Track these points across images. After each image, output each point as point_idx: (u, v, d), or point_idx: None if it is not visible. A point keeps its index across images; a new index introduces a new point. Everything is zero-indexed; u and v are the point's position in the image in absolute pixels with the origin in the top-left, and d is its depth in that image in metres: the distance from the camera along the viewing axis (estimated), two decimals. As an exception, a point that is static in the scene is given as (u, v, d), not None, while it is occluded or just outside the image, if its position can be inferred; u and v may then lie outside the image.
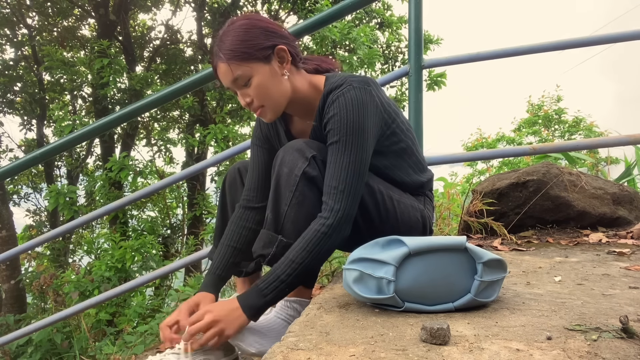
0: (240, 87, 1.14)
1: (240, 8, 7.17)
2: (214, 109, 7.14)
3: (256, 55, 1.11)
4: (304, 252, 1.04)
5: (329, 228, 1.04)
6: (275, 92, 1.15)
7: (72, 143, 2.20)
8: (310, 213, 1.08)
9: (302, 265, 1.03)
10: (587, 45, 1.93)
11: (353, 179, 1.07)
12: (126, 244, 4.66)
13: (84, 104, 8.58)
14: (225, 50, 1.11)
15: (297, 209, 1.09)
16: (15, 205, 8.69)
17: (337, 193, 1.06)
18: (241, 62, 1.11)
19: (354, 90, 1.10)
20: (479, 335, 0.77)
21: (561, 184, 1.95)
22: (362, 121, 1.09)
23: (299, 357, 0.71)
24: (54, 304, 4.67)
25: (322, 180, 1.10)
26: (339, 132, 1.08)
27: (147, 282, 2.42)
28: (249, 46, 1.11)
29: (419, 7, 1.93)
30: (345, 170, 1.07)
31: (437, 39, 7.22)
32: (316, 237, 1.04)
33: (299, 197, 1.09)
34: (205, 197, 6.73)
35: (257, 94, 1.14)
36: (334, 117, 1.10)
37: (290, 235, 1.09)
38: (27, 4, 7.56)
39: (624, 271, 1.26)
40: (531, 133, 10.77)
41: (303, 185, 1.09)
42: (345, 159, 1.07)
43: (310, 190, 1.09)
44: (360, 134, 1.08)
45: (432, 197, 1.38)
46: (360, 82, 1.13)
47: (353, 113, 1.08)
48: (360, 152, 1.08)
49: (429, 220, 1.28)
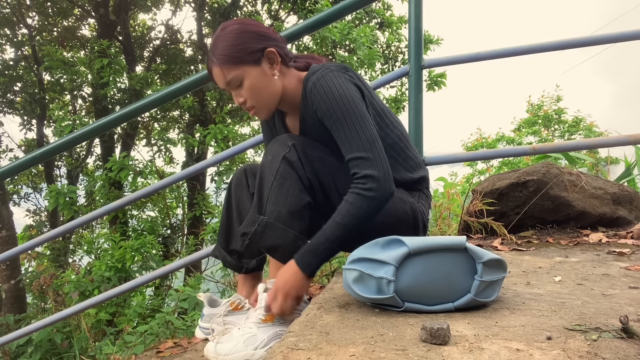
0: (234, 88, 1.22)
1: (240, 8, 7.17)
2: (214, 109, 7.14)
3: (247, 59, 1.19)
4: (353, 217, 1.11)
5: (372, 191, 1.11)
6: (265, 93, 1.23)
7: (72, 143, 2.20)
8: (289, 194, 1.16)
9: (351, 228, 1.11)
10: (587, 45, 1.92)
11: (370, 144, 1.13)
12: (126, 244, 4.66)
13: (84, 104, 8.58)
14: (218, 55, 1.19)
15: (277, 191, 1.16)
16: (15, 205, 8.69)
17: (365, 161, 1.12)
18: (233, 65, 1.19)
19: (331, 72, 1.17)
20: (479, 335, 0.77)
21: (561, 184, 1.95)
22: (346, 94, 1.15)
23: (299, 357, 0.71)
24: (54, 304, 4.67)
25: (301, 166, 1.17)
26: (331, 113, 1.15)
27: (147, 282, 2.41)
28: (239, 50, 1.18)
29: (419, 7, 1.93)
30: (357, 139, 1.13)
31: (437, 39, 7.21)
32: (362, 200, 1.11)
33: (280, 179, 1.16)
34: (205, 197, 6.72)
35: (249, 95, 1.21)
36: (320, 104, 1.16)
37: (271, 214, 1.16)
38: (27, 4, 7.56)
39: (624, 271, 1.26)
40: (531, 133, 10.77)
41: (283, 169, 1.16)
42: (352, 131, 1.14)
43: (289, 174, 1.16)
44: (351, 105, 1.15)
45: (429, 195, 1.39)
46: (338, 67, 1.20)
47: (335, 90, 1.15)
48: (360, 119, 1.14)
49: (421, 214, 1.30)
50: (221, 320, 1.36)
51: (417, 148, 1.90)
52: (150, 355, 1.59)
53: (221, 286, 4.12)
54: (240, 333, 1.14)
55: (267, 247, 1.19)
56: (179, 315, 2.77)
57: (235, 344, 1.11)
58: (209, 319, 1.41)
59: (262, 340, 1.12)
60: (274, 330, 1.14)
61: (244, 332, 1.14)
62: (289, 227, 1.16)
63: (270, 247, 1.18)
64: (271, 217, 1.16)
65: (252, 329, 1.13)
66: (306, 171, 1.19)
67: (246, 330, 1.14)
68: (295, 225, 1.17)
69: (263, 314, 1.14)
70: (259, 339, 1.12)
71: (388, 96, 7.55)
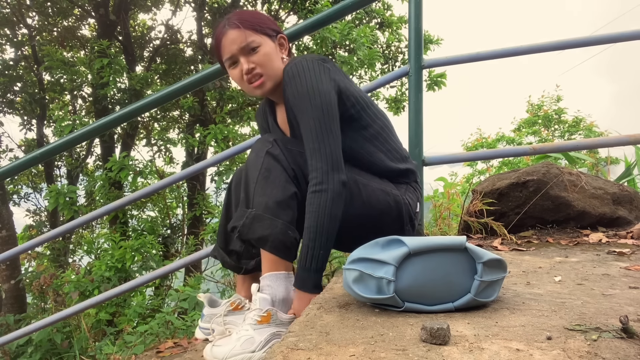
0: (247, 53, 1.26)
1: (240, 8, 7.17)
2: (214, 109, 7.14)
3: (267, 31, 1.29)
4: (313, 215, 1.14)
5: (320, 185, 1.15)
6: (275, 65, 1.29)
7: (72, 143, 2.20)
8: (275, 185, 1.18)
9: (318, 226, 1.14)
10: (587, 46, 1.92)
11: (322, 135, 1.17)
12: (126, 244, 4.66)
13: (84, 104, 8.57)
14: (241, 20, 1.26)
15: (263, 183, 1.19)
16: (15, 205, 8.69)
17: (313, 152, 1.17)
18: (254, 31, 1.26)
19: (306, 61, 1.22)
20: (479, 335, 0.77)
21: (561, 184, 1.95)
22: (312, 83, 1.19)
23: (299, 357, 0.71)
24: (54, 304, 4.67)
25: (285, 158, 1.21)
26: (295, 103, 1.20)
27: (147, 282, 2.41)
28: (262, 22, 1.29)
29: (419, 7, 1.93)
30: (312, 131, 1.18)
31: (437, 39, 7.21)
32: (314, 197, 1.15)
33: (264, 172, 1.20)
34: (205, 197, 6.72)
35: (261, 62, 1.26)
36: (288, 94, 1.21)
37: (259, 206, 1.18)
38: (27, 4, 7.55)
39: (624, 271, 1.26)
40: (531, 133, 10.78)
41: (267, 162, 1.20)
42: (310, 122, 1.18)
43: (273, 167, 1.20)
44: (314, 95, 1.18)
45: (418, 189, 1.40)
46: (314, 57, 1.25)
47: (302, 79, 1.19)
48: (318, 110, 1.18)
49: (406, 207, 1.31)
50: (221, 321, 1.36)
51: (417, 148, 1.90)
52: (150, 355, 1.59)
53: (221, 286, 4.12)
54: (237, 336, 1.13)
55: (256, 238, 1.19)
56: (179, 315, 2.77)
57: (233, 347, 1.11)
58: (209, 319, 1.41)
59: (260, 342, 1.12)
60: (271, 331, 1.14)
61: (241, 334, 1.13)
62: (276, 217, 1.17)
63: (259, 238, 1.18)
64: (259, 209, 1.18)
65: (248, 331, 1.13)
66: (289, 162, 1.21)
67: (243, 332, 1.13)
68: (282, 215, 1.18)
69: (259, 315, 1.14)
70: (256, 341, 1.12)
71: (388, 96, 7.55)
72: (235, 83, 1.35)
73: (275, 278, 1.19)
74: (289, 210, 1.19)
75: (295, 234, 1.20)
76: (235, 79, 1.32)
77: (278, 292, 1.18)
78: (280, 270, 1.20)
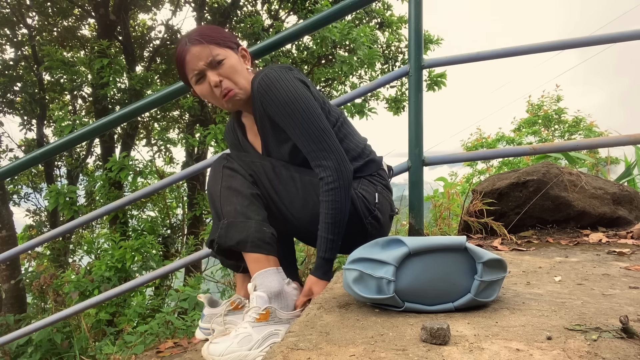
0: (214, 67, 1.27)
1: (240, 8, 7.17)
2: (214, 109, 7.13)
3: (229, 44, 1.31)
4: (333, 212, 1.21)
5: (335, 182, 1.21)
6: (242, 76, 1.31)
7: (72, 143, 2.20)
8: (238, 192, 1.23)
9: (337, 222, 1.22)
10: (586, 45, 1.92)
11: (318, 135, 1.22)
12: (126, 244, 4.65)
13: (84, 104, 8.58)
14: (203, 35, 1.28)
15: (227, 194, 1.24)
16: (15, 205, 8.70)
17: (317, 153, 1.23)
18: (217, 45, 1.28)
19: (274, 71, 1.25)
20: (479, 335, 0.77)
21: (561, 184, 1.95)
22: (289, 90, 1.22)
23: (299, 357, 0.71)
24: (54, 304, 4.66)
25: (241, 167, 1.26)
26: (278, 111, 1.23)
27: (147, 282, 2.41)
28: (222, 36, 1.31)
29: (419, 7, 1.93)
30: (307, 134, 1.22)
31: (437, 39, 7.21)
32: (331, 194, 1.21)
33: (225, 184, 1.24)
34: (205, 197, 6.72)
35: (229, 74, 1.28)
36: (266, 100, 1.23)
37: (229, 214, 1.22)
38: (27, 4, 7.55)
39: (624, 271, 1.26)
40: (531, 133, 10.77)
41: (226, 174, 1.25)
42: (302, 126, 1.22)
43: (233, 177, 1.25)
44: (295, 100, 1.22)
45: (378, 180, 1.40)
46: (280, 66, 1.27)
47: (278, 88, 1.22)
48: (305, 113, 1.22)
49: (361, 200, 1.33)
50: (221, 320, 1.36)
51: (417, 148, 1.90)
52: (150, 355, 1.59)
53: (221, 286, 4.12)
54: (235, 333, 1.13)
55: (235, 243, 1.21)
56: (179, 315, 2.77)
57: (230, 344, 1.11)
58: (209, 319, 1.40)
59: (257, 340, 1.12)
60: (269, 329, 1.14)
61: (239, 332, 1.13)
62: (248, 218, 1.21)
63: (238, 242, 1.20)
64: (229, 217, 1.21)
65: (246, 329, 1.13)
66: (246, 170, 1.26)
67: (241, 330, 1.14)
68: (253, 215, 1.22)
69: (257, 313, 1.14)
70: (253, 339, 1.12)
71: (388, 96, 7.55)
72: (204, 99, 1.35)
73: (265, 275, 1.20)
74: (259, 209, 1.24)
75: (271, 229, 1.24)
76: (204, 94, 1.32)
77: (272, 287, 1.19)
78: (268, 267, 1.22)
